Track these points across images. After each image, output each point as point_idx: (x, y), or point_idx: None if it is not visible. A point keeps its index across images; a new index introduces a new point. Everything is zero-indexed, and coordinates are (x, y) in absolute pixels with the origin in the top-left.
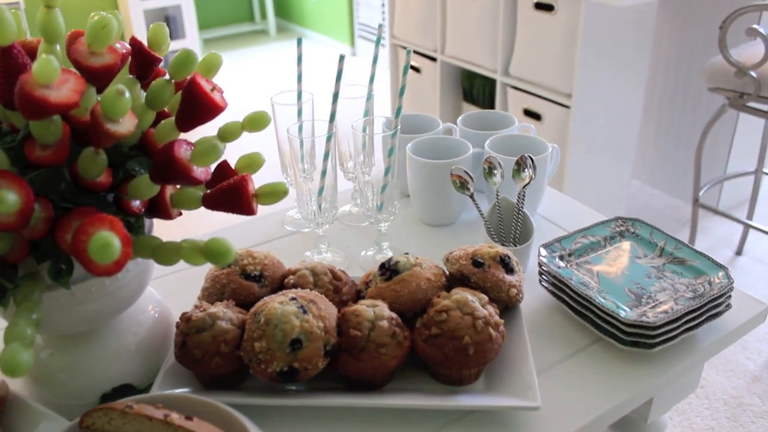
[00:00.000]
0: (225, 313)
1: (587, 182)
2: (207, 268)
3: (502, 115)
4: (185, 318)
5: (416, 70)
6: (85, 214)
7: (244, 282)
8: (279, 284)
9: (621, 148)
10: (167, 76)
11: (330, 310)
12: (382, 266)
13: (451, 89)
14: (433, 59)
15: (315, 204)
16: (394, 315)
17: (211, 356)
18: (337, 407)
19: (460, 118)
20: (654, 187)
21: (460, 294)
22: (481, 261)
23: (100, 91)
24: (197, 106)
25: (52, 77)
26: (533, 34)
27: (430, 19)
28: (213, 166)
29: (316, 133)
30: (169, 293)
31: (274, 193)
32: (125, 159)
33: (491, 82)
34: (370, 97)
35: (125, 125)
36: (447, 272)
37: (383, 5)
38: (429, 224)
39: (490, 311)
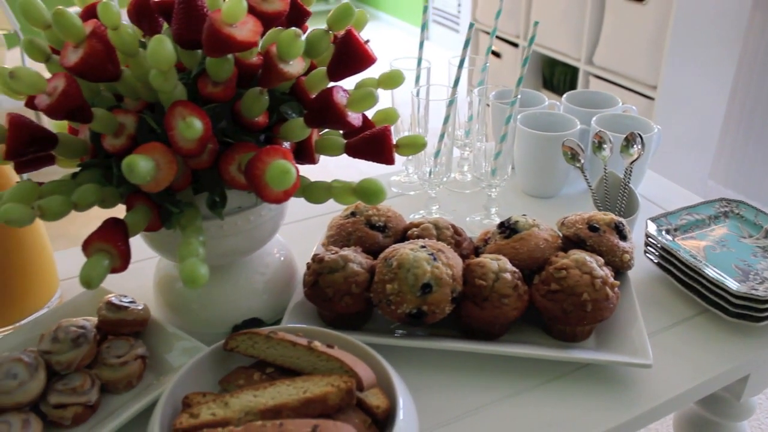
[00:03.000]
0: (355, 256)
1: (663, 177)
2: (326, 220)
3: (605, 95)
4: (318, 259)
5: (496, 55)
6: (248, 148)
7: (370, 231)
8: (401, 235)
9: (700, 145)
10: (325, 27)
11: (456, 260)
12: (502, 225)
13: (531, 76)
14: (515, 45)
15: (431, 165)
16: (515, 269)
17: (341, 296)
18: (455, 352)
19: (565, 95)
20: (729, 188)
21: (579, 254)
22: (597, 226)
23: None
24: (352, 56)
25: (239, 17)
26: (621, 24)
27: (515, 4)
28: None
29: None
30: (291, 240)
31: (413, 145)
32: (279, 103)
33: (573, 71)
34: (485, 68)
35: (296, 67)
36: (561, 235)
37: None
38: (532, 195)
39: (606, 272)
